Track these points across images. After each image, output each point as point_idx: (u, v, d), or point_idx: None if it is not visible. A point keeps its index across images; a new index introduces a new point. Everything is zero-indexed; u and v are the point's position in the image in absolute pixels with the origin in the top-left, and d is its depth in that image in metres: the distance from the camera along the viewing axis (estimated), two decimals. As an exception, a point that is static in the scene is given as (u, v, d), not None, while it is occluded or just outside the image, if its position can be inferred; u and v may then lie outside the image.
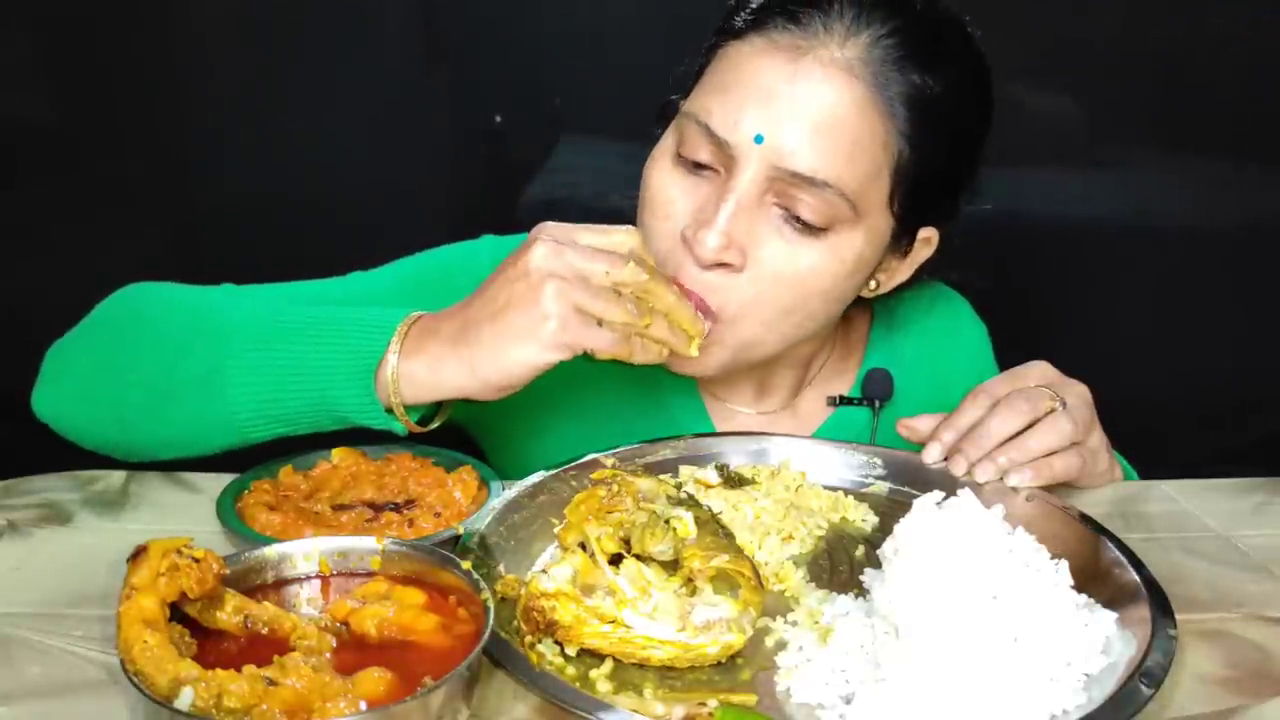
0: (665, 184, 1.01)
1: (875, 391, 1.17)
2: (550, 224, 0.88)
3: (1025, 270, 1.64)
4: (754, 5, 0.99)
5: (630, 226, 0.90)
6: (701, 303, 0.97)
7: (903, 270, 1.08)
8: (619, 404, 1.13)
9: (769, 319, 1.00)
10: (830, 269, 0.99)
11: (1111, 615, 0.75)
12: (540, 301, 0.83)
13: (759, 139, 0.94)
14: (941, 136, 0.99)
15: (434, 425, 0.94)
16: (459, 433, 1.17)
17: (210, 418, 0.91)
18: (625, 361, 0.89)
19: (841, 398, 1.18)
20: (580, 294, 0.84)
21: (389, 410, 0.89)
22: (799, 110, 0.94)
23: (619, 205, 1.10)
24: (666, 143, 1.03)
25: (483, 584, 0.72)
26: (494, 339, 0.85)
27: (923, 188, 1.00)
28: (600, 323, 0.85)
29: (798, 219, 0.96)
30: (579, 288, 0.84)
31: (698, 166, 0.99)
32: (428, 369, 0.87)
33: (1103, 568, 0.83)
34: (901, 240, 1.04)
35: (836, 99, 0.94)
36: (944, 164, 1.01)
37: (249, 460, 0.95)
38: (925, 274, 1.11)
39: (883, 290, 1.08)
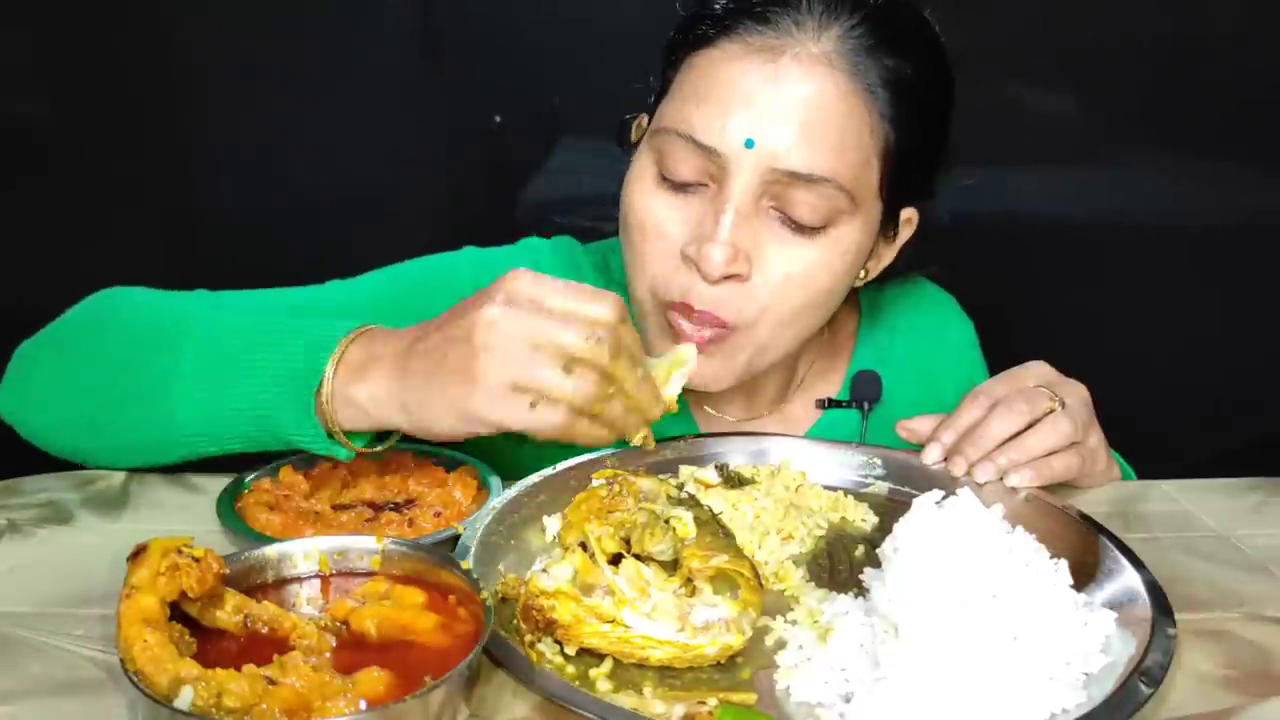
0: (653, 206, 0.99)
1: (864, 393, 1.16)
2: (523, 277, 0.78)
3: (1024, 270, 1.64)
4: (718, 12, 0.97)
5: (615, 296, 0.79)
6: (715, 318, 0.97)
7: (888, 254, 1.08)
8: None
9: (782, 320, 1.00)
10: (834, 263, 0.99)
11: (1111, 615, 0.75)
12: (473, 372, 0.76)
13: (749, 143, 0.93)
14: (918, 115, 0.99)
15: (383, 448, 0.88)
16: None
17: (160, 431, 0.88)
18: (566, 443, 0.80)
19: (830, 400, 1.18)
20: (521, 370, 0.76)
21: (331, 435, 0.84)
22: (785, 109, 0.93)
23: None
24: (643, 165, 1.00)
25: (482, 584, 0.72)
26: (427, 393, 0.79)
27: (905, 169, 1.00)
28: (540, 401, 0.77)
29: (797, 220, 0.96)
30: (522, 362, 0.76)
31: (683, 185, 0.97)
32: (367, 398, 0.82)
33: (1103, 568, 0.83)
34: (888, 224, 1.04)
35: (820, 92, 0.94)
36: (922, 142, 1.02)
37: (249, 460, 0.95)
38: (912, 266, 1.11)
39: (870, 277, 1.08)
